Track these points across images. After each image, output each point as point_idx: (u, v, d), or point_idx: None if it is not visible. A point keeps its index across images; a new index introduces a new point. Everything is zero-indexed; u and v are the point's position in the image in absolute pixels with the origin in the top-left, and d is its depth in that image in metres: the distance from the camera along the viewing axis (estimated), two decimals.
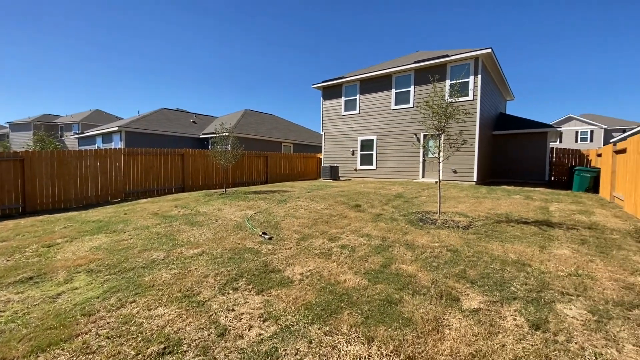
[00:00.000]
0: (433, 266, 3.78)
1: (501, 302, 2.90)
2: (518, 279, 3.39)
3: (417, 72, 14.35)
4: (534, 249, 4.33)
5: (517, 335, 2.39)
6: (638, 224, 5.88)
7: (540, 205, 7.74)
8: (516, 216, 6.44)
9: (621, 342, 2.31)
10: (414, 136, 14.44)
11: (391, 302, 2.89)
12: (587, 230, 5.36)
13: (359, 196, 9.03)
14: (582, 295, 3.00)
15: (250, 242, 4.84)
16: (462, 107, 9.66)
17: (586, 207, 7.64)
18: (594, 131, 40.21)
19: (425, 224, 5.77)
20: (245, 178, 15.52)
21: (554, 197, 9.22)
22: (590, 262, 3.87)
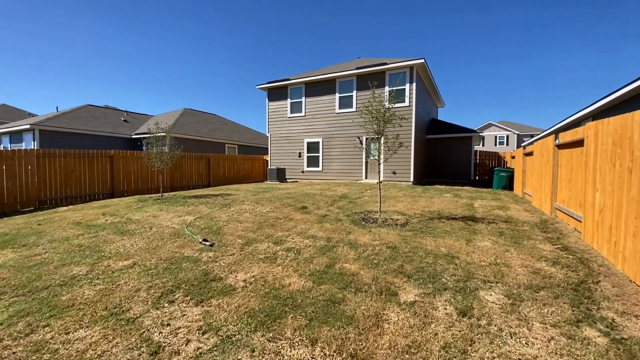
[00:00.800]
0: (374, 263, 3.95)
1: (434, 293, 3.14)
2: (448, 270, 3.71)
3: (359, 78, 14.96)
4: (461, 243, 4.78)
5: (448, 323, 2.61)
6: (543, 216, 6.86)
7: (466, 203, 8.59)
8: (447, 213, 7.06)
9: (531, 321, 2.66)
10: (357, 139, 15.01)
11: (335, 302, 2.94)
12: (504, 224, 6.09)
13: (305, 198, 9.07)
14: (500, 282, 3.40)
15: (190, 250, 4.55)
16: (399, 112, 10.40)
17: (503, 203, 8.68)
18: (509, 136, 46.02)
19: (368, 223, 6.02)
20: (185, 182, 14.60)
21: (478, 195, 10.32)
22: (506, 251, 4.40)
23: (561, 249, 4.51)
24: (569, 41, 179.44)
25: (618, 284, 3.34)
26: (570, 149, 5.91)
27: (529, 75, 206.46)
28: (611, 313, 2.76)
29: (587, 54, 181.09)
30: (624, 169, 3.68)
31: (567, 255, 4.24)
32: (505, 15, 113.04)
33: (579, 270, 3.70)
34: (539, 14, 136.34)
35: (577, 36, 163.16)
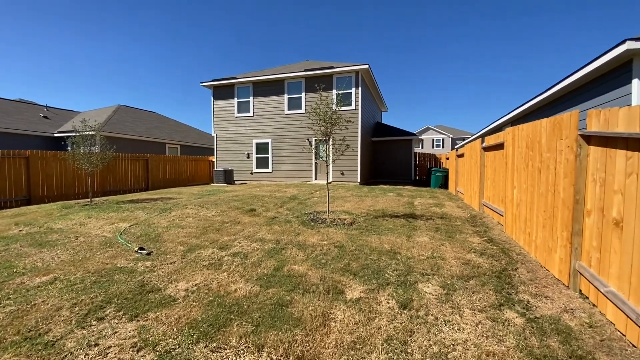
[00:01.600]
0: (322, 263, 4.00)
1: (378, 289, 3.29)
2: (391, 266, 3.92)
3: (307, 80, 15.09)
4: (402, 239, 5.08)
5: (390, 317, 2.75)
6: (473, 212, 7.60)
7: (407, 201, 9.16)
8: (390, 211, 7.45)
9: (462, 308, 2.92)
10: (306, 141, 15.12)
11: (282, 305, 2.92)
12: (440, 220, 6.61)
13: (254, 200, 8.87)
14: (436, 274, 3.68)
15: (123, 261, 4.16)
16: (346, 115, 10.71)
17: (439, 201, 9.43)
18: (444, 139, 50.15)
19: (317, 224, 6.09)
20: (120, 185, 13.34)
21: (418, 193, 11.07)
22: (442, 245, 4.78)
23: (487, 241, 5.04)
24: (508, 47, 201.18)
25: (532, 270, 3.83)
26: (493, 151, 6.63)
27: (465, 81, 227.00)
28: (526, 295, 3.15)
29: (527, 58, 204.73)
30: (534, 169, 4.24)
31: (492, 247, 4.75)
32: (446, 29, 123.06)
33: (501, 260, 4.17)
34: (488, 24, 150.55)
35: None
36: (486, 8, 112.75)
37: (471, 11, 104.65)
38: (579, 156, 3.11)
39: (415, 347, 2.31)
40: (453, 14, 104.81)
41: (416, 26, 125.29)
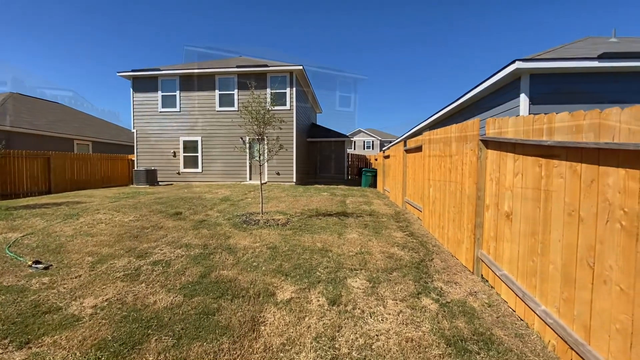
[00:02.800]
0: (253, 266, 3.90)
1: (309, 287, 3.33)
2: (322, 264, 4.01)
3: (241, 77, 14.59)
4: (334, 237, 5.25)
5: (320, 314, 2.80)
6: (397, 209, 8.22)
7: (340, 200, 9.51)
8: (324, 210, 7.64)
9: (386, 299, 3.12)
10: (240, 139, 14.61)
11: (208, 314, 2.76)
12: (369, 217, 7.01)
13: (180, 202, 8.25)
14: (364, 269, 3.88)
15: (12, 278, 3.49)
16: (280, 115, 10.61)
17: (369, 199, 10.00)
18: (374, 141, 53.38)
19: (249, 225, 5.93)
20: (11, 188, 11.17)
21: (350, 192, 11.57)
22: (369, 241, 5.07)
23: (408, 235, 5.50)
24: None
25: (445, 260, 4.29)
26: (414, 153, 7.27)
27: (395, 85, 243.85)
28: (440, 283, 3.51)
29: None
30: (446, 169, 4.76)
31: (412, 240, 5.19)
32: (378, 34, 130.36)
33: (420, 252, 4.58)
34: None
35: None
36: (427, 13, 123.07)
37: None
38: (479, 158, 3.59)
39: (342, 342, 2.40)
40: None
41: (345, 30, 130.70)
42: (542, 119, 2.43)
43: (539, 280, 2.47)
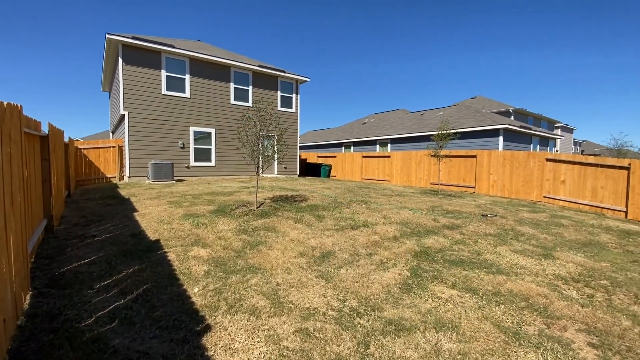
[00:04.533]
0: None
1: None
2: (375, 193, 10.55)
3: (256, 75, 15.28)
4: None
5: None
6: (349, 183, 14.97)
7: (308, 184, 14.94)
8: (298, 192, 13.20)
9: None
10: (254, 135, 15.26)
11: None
12: (342, 181, 13.42)
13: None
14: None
15: None
16: (288, 117, 14.69)
17: (326, 183, 15.97)
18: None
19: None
20: None
21: (324, 180, 16.82)
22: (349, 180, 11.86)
23: (339, 181, 12.71)
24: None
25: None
26: (368, 158, 14.34)
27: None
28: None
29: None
30: (412, 165, 12.39)
31: (364, 182, 12.45)
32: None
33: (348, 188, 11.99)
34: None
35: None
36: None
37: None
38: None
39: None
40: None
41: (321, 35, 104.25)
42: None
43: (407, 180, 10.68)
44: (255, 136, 7.18)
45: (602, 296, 3.58)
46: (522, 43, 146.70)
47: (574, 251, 5.11)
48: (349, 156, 19.13)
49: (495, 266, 4.34)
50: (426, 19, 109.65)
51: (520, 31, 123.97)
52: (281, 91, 16.18)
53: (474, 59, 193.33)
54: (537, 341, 2.70)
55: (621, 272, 4.28)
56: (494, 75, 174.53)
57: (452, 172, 13.17)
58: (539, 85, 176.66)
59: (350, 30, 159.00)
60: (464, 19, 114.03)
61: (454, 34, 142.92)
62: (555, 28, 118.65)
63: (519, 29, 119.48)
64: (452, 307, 3.22)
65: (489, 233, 5.96)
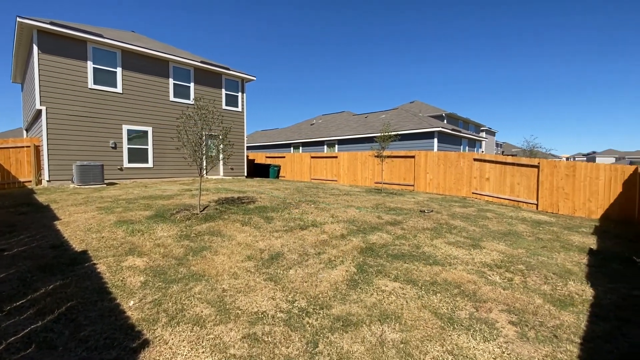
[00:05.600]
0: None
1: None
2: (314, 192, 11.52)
3: (198, 72, 14.54)
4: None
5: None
6: (298, 184, 15.64)
7: (257, 185, 15.29)
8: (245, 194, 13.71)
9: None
10: (196, 135, 14.46)
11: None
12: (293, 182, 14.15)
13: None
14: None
15: None
16: (234, 115, 14.62)
17: (274, 184, 16.37)
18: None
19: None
20: None
21: (272, 181, 16.98)
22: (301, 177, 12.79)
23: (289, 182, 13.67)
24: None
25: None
26: (316, 158, 15.15)
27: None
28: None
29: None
30: (356, 166, 13.50)
31: (311, 183, 13.45)
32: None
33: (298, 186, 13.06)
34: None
35: None
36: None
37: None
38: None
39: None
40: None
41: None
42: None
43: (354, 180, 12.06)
44: (198, 135, 6.85)
45: (519, 279, 4.09)
46: (452, 55, 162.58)
47: (497, 240, 5.77)
48: (297, 157, 19.18)
49: (432, 258, 4.71)
50: (374, 27, 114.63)
51: (449, 46, 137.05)
52: (226, 89, 15.59)
53: (415, 69, 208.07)
54: (468, 324, 2.99)
55: (534, 257, 4.94)
56: (430, 82, 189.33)
57: (394, 172, 13.98)
58: (466, 93, 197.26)
59: (299, 36, 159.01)
60: (407, 33, 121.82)
61: (399, 45, 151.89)
62: (478, 44, 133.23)
63: (449, 44, 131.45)
64: (395, 299, 3.41)
65: (426, 227, 6.43)
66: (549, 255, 5.06)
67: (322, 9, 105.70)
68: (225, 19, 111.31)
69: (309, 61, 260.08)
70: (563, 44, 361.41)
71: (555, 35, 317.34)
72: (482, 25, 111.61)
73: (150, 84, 13.04)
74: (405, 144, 18.75)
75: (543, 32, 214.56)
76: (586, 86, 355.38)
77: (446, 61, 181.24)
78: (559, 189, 9.40)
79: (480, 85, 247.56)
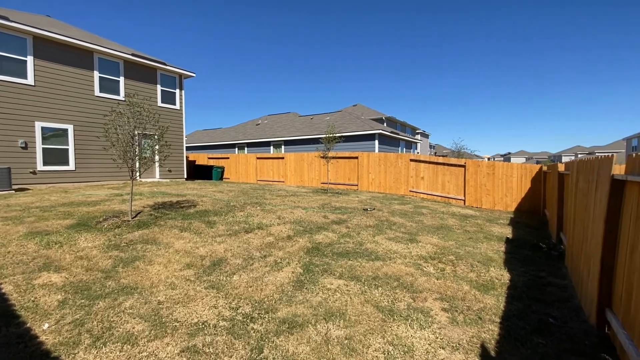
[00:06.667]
0: None
1: None
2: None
3: (129, 65, 13.33)
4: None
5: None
6: (243, 186, 15.84)
7: (198, 188, 15.16)
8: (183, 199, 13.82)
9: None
10: (126, 133, 13.18)
11: None
12: (237, 184, 14.45)
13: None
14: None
15: None
16: (171, 114, 14.05)
17: (220, 188, 16.28)
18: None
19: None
20: None
21: (215, 183, 16.62)
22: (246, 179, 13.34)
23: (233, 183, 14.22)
24: None
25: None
26: (262, 159, 15.51)
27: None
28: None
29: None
30: (305, 166, 14.21)
31: (259, 183, 14.05)
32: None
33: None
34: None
35: None
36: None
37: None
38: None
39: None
40: None
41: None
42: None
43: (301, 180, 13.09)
44: (129, 134, 6.28)
45: (450, 269, 4.49)
46: (389, 64, 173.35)
47: (431, 234, 6.26)
48: (243, 157, 18.62)
49: (374, 254, 4.93)
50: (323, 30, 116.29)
51: (390, 57, 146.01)
52: (162, 85, 14.48)
53: (356, 75, 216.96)
54: (406, 314, 3.20)
55: (462, 248, 5.47)
56: (371, 87, 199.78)
57: (339, 172, 14.36)
58: (403, 98, 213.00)
59: (250, 38, 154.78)
60: (350, 40, 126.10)
61: (344, 51, 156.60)
62: (413, 56, 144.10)
63: (389, 56, 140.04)
64: (339, 296, 3.50)
65: (369, 225, 6.73)
66: (475, 246, 5.64)
67: (274, 7, 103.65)
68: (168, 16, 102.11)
69: (256, 62, 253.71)
70: (483, 53, 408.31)
71: (477, 44, 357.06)
72: (412, 36, 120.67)
73: (70, 77, 11.54)
74: (349, 145, 19.38)
75: (468, 41, 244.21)
76: (503, 92, 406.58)
77: (387, 71, 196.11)
78: (482, 186, 10.55)
79: (417, 91, 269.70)
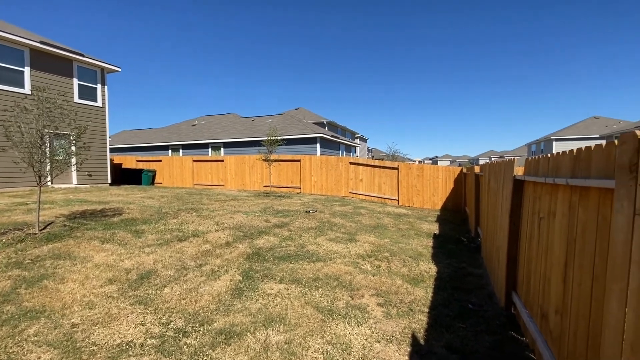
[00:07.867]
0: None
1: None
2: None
3: (36, 54, 11.61)
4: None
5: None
6: (180, 190, 15.52)
7: (124, 194, 14.50)
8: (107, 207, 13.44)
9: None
10: (33, 132, 11.35)
11: None
12: (170, 189, 14.26)
13: None
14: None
15: None
16: (91, 111, 13.03)
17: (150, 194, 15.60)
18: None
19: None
20: None
21: (137, 190, 15.60)
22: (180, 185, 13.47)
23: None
24: None
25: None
26: (200, 162, 15.37)
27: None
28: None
29: None
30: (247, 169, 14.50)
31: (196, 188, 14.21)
32: None
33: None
34: None
35: None
36: None
37: None
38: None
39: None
40: None
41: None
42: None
43: (242, 184, 13.76)
44: (37, 134, 5.48)
45: (385, 265, 4.76)
46: (329, 69, 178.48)
47: (368, 233, 6.57)
48: (177, 160, 17.38)
49: (315, 255, 5.00)
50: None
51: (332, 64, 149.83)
52: (79, 79, 12.80)
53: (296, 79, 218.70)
54: (345, 312, 3.30)
55: (396, 245, 5.84)
56: (312, 92, 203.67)
57: (282, 175, 14.29)
58: (343, 104, 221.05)
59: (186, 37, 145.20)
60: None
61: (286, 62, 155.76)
62: (355, 65, 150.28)
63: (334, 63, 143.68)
64: (280, 301, 3.47)
65: (311, 227, 6.81)
66: (407, 242, 6.08)
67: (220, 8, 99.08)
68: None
69: (205, 62, 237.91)
70: (404, 59, 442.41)
71: (399, 50, 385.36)
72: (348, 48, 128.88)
73: None
74: (291, 148, 19.40)
75: (393, 47, 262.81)
76: (433, 100, 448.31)
77: (327, 81, 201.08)
78: (413, 187, 11.43)
79: (355, 98, 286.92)
